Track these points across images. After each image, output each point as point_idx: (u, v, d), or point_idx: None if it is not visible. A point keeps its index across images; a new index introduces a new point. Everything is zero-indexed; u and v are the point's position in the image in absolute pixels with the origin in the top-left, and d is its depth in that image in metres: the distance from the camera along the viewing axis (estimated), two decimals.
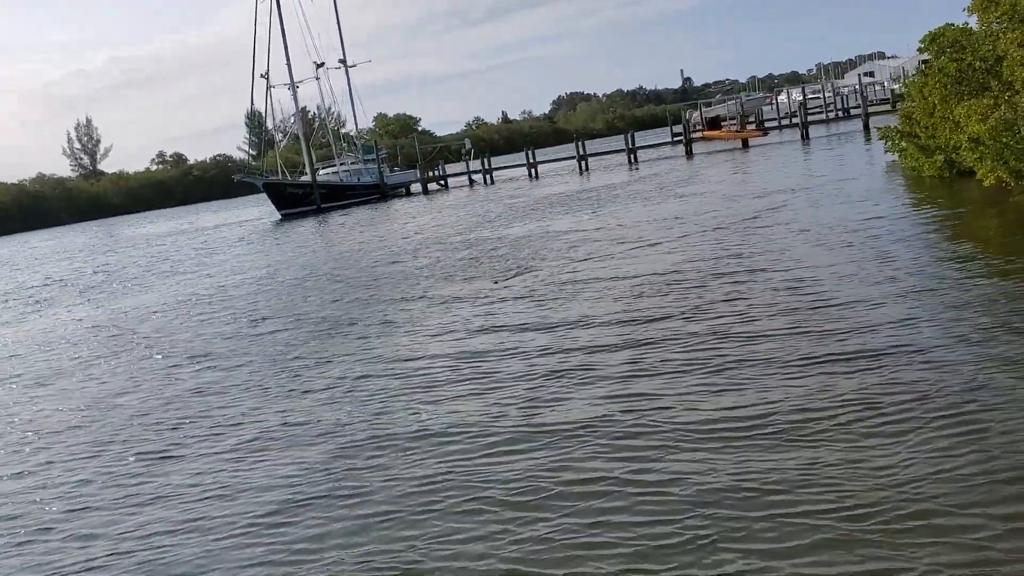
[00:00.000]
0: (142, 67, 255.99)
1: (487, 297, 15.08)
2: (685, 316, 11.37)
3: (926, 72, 22.98)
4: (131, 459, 8.97)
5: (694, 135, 59.26)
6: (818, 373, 8.35)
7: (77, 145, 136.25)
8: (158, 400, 11.27)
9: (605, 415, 8.07)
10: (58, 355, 15.93)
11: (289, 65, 59.48)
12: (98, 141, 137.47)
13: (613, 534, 5.79)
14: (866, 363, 8.37)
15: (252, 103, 59.00)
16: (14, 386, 13.72)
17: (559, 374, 9.66)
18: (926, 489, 5.73)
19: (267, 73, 57.15)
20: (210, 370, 12.61)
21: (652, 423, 7.69)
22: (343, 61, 65.09)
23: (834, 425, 7.02)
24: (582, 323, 11.92)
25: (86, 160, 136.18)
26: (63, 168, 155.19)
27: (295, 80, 59.83)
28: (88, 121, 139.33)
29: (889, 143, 26.02)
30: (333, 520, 6.68)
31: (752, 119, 64.38)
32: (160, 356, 14.28)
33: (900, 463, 6.16)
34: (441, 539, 6.10)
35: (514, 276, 16.64)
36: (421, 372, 10.67)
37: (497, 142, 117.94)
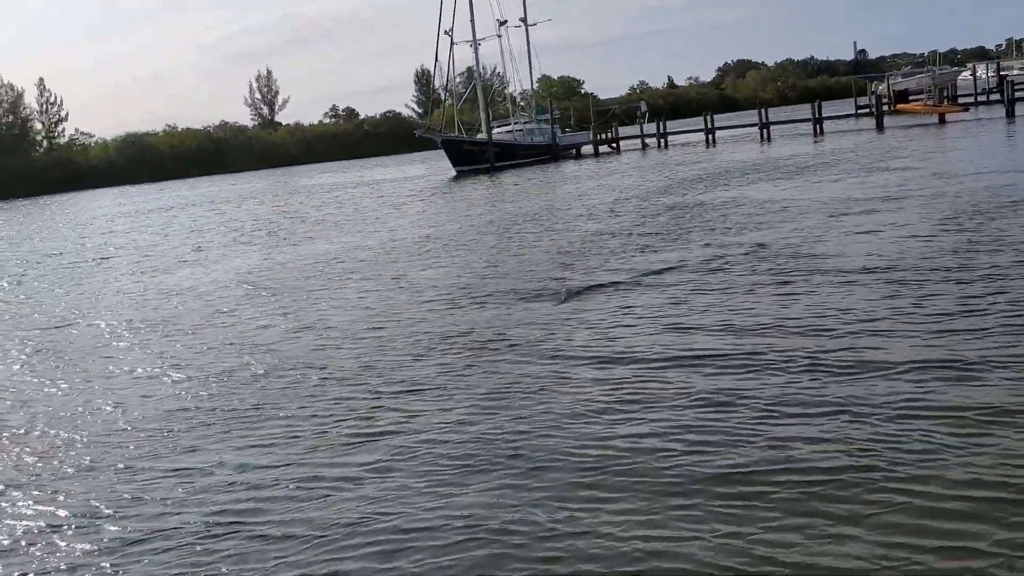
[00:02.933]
0: (314, 24, 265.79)
1: (705, 269, 14.23)
2: (977, 311, 9.92)
3: None
4: (337, 437, 7.87)
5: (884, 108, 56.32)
6: None
7: (257, 96, 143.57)
8: (353, 365, 10.32)
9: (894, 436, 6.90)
10: (263, 299, 16.02)
11: (473, 22, 60.38)
12: (276, 93, 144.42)
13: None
14: None
15: (436, 59, 59.87)
16: (217, 331, 13.59)
17: (814, 371, 8.28)
18: None
19: (451, 30, 58.11)
20: (405, 333, 11.83)
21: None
22: (523, 19, 65.39)
23: None
24: (833, 315, 10.38)
25: (265, 111, 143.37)
26: (242, 117, 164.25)
27: (476, 38, 60.75)
28: (268, 73, 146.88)
29: None
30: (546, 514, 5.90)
31: (945, 93, 60.73)
32: (361, 308, 14.10)
33: None
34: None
35: (580, 292, 13.41)
36: (625, 356, 9.38)
37: (662, 107, 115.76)
